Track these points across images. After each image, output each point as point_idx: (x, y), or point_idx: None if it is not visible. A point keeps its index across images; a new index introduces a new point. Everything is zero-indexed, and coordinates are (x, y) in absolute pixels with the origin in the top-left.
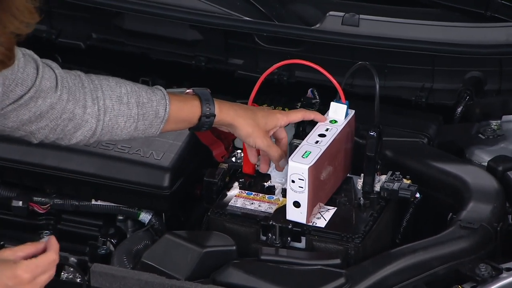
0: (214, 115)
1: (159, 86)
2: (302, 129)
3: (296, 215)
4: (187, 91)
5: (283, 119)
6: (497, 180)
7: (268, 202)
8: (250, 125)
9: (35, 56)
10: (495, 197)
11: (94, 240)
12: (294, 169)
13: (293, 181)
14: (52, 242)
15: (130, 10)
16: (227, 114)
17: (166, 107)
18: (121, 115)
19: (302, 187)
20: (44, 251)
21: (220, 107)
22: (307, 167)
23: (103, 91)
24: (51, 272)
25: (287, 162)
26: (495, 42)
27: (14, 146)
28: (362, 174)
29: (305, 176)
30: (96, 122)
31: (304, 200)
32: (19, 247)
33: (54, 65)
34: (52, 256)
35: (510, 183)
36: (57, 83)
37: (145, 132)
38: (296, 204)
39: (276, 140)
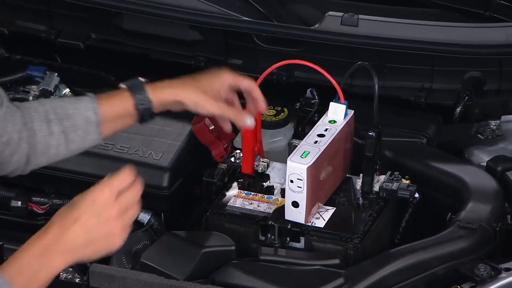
0: (150, 100)
1: (87, 93)
2: (301, 129)
3: (294, 215)
4: (120, 84)
5: (229, 78)
6: (496, 180)
7: (267, 202)
8: (195, 93)
9: None
10: (494, 197)
11: None
12: (293, 169)
13: (291, 181)
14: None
15: (129, 10)
16: (164, 93)
17: (95, 110)
18: (49, 134)
19: (300, 187)
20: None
21: (155, 89)
22: (305, 167)
23: (27, 114)
24: (135, 193)
25: (253, 119)
26: (495, 42)
27: None
28: (361, 174)
29: (304, 176)
30: (29, 147)
31: (302, 200)
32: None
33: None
34: (128, 175)
35: (509, 183)
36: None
37: (85, 142)
38: (295, 204)
39: (251, 100)
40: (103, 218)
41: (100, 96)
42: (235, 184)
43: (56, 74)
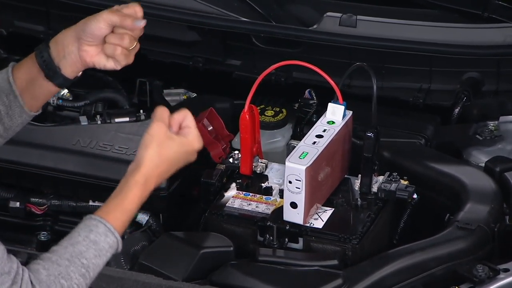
0: (47, 46)
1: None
2: (299, 130)
3: (293, 215)
4: None
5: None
6: (494, 181)
7: (265, 203)
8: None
9: None
10: (492, 198)
11: None
12: (291, 170)
13: (290, 182)
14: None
15: None
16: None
17: (9, 79)
18: None
19: (299, 188)
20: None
21: (54, 40)
22: (304, 168)
23: None
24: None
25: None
26: (493, 43)
27: (12, 147)
28: (360, 175)
29: (302, 177)
30: None
31: (301, 201)
32: (162, 119)
33: None
34: (188, 113)
35: (508, 184)
36: None
37: (14, 117)
38: (293, 205)
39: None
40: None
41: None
42: (233, 185)
43: None
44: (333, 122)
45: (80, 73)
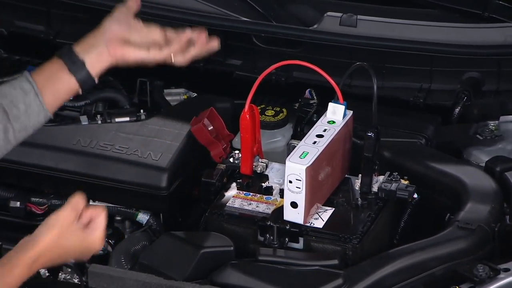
0: (72, 49)
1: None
2: (300, 130)
3: (293, 215)
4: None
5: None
6: (495, 181)
7: (265, 203)
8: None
9: None
10: (493, 198)
11: None
12: (292, 170)
13: (290, 182)
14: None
15: None
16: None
17: (28, 79)
18: None
19: (299, 188)
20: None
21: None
22: (304, 167)
23: None
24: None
25: None
26: (493, 43)
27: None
28: (360, 175)
29: (302, 176)
30: None
31: (301, 200)
32: (73, 207)
33: None
34: (103, 212)
35: (508, 183)
36: None
37: (32, 116)
38: (294, 205)
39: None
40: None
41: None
42: (234, 184)
43: None
44: (334, 122)
45: (103, 70)
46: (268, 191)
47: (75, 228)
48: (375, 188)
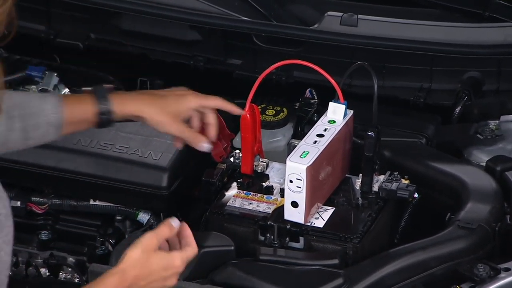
0: (112, 112)
1: (51, 93)
2: (300, 129)
3: (294, 215)
4: (84, 88)
5: (196, 101)
6: (495, 181)
7: (266, 202)
8: (159, 113)
9: None
10: (493, 198)
11: (93, 240)
12: (292, 169)
13: (291, 181)
14: (186, 230)
15: (128, 10)
16: (129, 107)
17: (58, 114)
18: (9, 129)
19: (300, 187)
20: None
21: (121, 101)
22: (304, 167)
23: None
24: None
25: (211, 145)
26: (494, 42)
27: None
28: (361, 174)
29: (303, 176)
30: None
31: (302, 200)
32: (158, 234)
33: None
34: (195, 249)
35: (508, 183)
36: None
37: (43, 140)
38: (294, 204)
39: (205, 124)
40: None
41: (66, 97)
42: (234, 184)
43: (55, 74)
44: (334, 122)
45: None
46: (269, 190)
47: (159, 252)
48: (375, 188)
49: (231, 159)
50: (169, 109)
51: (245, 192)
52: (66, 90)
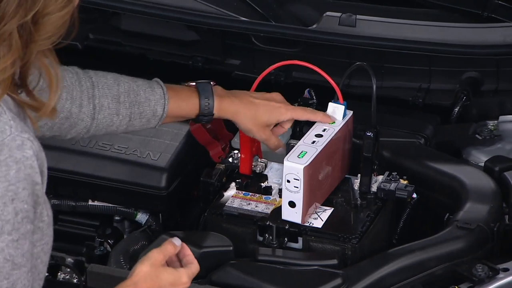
0: (213, 114)
1: (158, 82)
2: (299, 130)
3: (291, 215)
4: (191, 84)
5: (287, 114)
6: (494, 181)
7: (265, 203)
8: (251, 122)
9: None
10: (492, 198)
11: (91, 240)
12: (289, 169)
13: (288, 181)
14: (186, 249)
15: (127, 11)
16: (226, 111)
17: (164, 107)
18: (116, 113)
19: (297, 187)
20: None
21: (220, 104)
22: (302, 167)
23: (99, 89)
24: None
25: (284, 149)
26: (492, 43)
27: None
28: (359, 175)
29: (300, 176)
30: (91, 120)
31: (299, 200)
32: (164, 250)
33: None
34: (198, 266)
35: (507, 183)
36: None
37: (142, 127)
38: (291, 204)
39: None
40: None
41: (170, 90)
42: (233, 184)
43: None
44: (333, 122)
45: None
46: (267, 191)
47: (167, 268)
48: (374, 188)
49: (230, 159)
50: (262, 120)
51: (243, 192)
52: None
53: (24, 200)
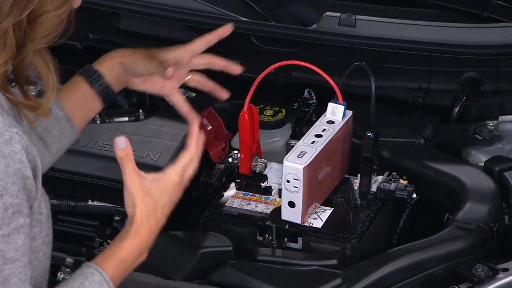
0: (99, 73)
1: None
2: (299, 130)
3: (291, 215)
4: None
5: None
6: (493, 181)
7: (264, 203)
8: (134, 52)
9: None
10: (491, 198)
11: (91, 240)
12: (289, 169)
13: (288, 181)
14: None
15: (127, 11)
16: (107, 57)
17: (59, 105)
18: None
19: (296, 187)
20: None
21: (99, 61)
22: (301, 167)
23: None
24: (195, 164)
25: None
26: (492, 43)
27: None
28: (359, 175)
29: (300, 176)
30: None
31: (298, 200)
32: (125, 172)
33: None
34: (192, 151)
35: (507, 183)
36: None
37: (63, 140)
38: (291, 204)
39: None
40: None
41: (59, 91)
42: (232, 184)
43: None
44: (333, 122)
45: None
46: (267, 191)
47: (147, 184)
48: (374, 188)
49: (230, 159)
50: (155, 54)
51: (243, 192)
52: None
53: (14, 194)
